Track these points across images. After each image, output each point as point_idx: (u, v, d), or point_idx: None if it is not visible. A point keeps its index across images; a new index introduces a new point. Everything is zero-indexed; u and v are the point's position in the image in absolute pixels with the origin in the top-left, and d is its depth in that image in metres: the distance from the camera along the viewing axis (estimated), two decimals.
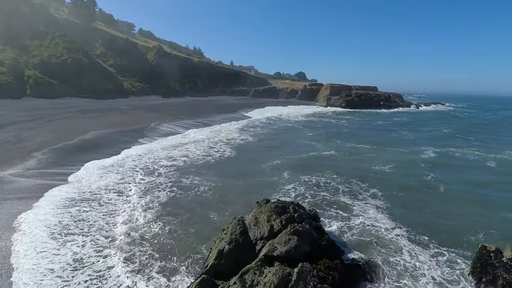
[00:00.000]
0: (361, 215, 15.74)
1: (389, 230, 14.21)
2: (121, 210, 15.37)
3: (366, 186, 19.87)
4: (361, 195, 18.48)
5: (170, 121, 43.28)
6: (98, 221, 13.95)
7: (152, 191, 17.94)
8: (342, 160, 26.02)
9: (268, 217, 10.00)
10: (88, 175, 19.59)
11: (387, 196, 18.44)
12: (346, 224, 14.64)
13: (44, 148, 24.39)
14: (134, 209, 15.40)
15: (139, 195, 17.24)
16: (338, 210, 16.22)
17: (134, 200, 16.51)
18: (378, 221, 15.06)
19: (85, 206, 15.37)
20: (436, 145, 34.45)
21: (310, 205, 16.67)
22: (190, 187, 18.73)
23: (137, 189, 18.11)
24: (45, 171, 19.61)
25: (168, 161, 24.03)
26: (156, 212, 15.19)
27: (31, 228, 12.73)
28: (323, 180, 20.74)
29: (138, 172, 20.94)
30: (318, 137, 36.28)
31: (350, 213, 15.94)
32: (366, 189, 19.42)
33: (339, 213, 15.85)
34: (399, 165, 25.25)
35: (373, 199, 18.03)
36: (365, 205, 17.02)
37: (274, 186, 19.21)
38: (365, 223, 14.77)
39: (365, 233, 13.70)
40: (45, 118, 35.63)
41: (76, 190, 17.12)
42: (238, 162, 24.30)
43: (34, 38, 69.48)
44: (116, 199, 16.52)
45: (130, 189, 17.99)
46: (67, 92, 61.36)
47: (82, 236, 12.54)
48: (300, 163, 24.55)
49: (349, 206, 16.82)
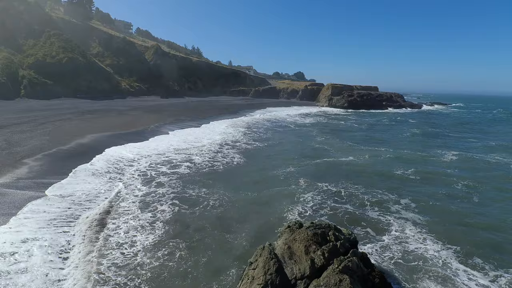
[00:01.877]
0: (398, 233, 13.81)
1: (436, 252, 12.30)
2: (113, 231, 12.93)
3: (395, 196, 17.99)
4: (392, 207, 16.59)
5: (171, 123, 41.28)
6: (79, 245, 11.94)
7: (152, 205, 15.69)
8: (360, 165, 24.11)
9: (306, 248, 8.14)
10: (79, 184, 17.58)
11: (420, 208, 16.58)
12: (384, 246, 12.67)
13: (37, 153, 22.33)
14: (130, 230, 13.00)
15: (138, 210, 14.99)
16: (369, 227, 14.28)
17: (130, 218, 14.17)
18: (419, 241, 13.17)
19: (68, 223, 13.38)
20: (454, 147, 32.72)
21: (330, 219, 14.86)
22: (196, 200, 16.55)
23: (135, 202, 15.89)
24: (36, 181, 17.54)
25: (170, 168, 21.99)
26: (157, 234, 12.78)
27: None
28: (344, 188, 18.85)
29: (137, 180, 18.94)
30: (330, 140, 34.36)
31: (384, 231, 13.99)
32: (395, 199, 17.54)
33: (371, 232, 13.90)
34: (422, 169, 23.44)
35: (406, 211, 16.16)
36: (399, 220, 15.10)
37: (291, 196, 17.26)
38: (407, 245, 12.80)
39: (410, 259, 11.76)
40: (38, 120, 33.53)
41: (62, 204, 15.06)
42: (249, 169, 22.31)
43: (28, 37, 67.20)
44: (107, 216, 14.20)
45: (126, 201, 15.89)
46: (63, 92, 59.20)
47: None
48: (316, 169, 22.63)
49: (381, 222, 14.89)
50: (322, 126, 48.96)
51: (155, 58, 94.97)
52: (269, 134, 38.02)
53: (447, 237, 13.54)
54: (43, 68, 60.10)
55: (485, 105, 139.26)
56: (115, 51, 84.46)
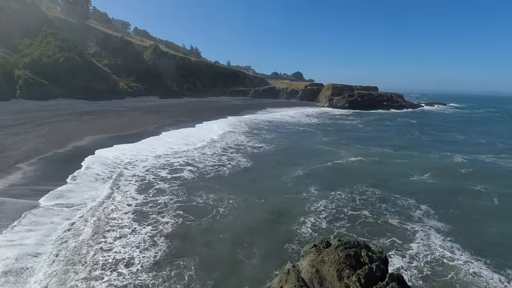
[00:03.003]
0: (424, 242, 12.86)
1: (466, 263, 11.37)
2: (108, 247, 11.52)
3: (413, 202, 16.97)
4: (413, 214, 15.58)
5: (170, 124, 40.11)
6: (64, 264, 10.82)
7: (153, 216, 14.28)
8: (372, 169, 23.07)
9: (338, 273, 7.10)
10: (75, 192, 16.44)
11: (442, 214, 15.59)
12: (413, 257, 11.71)
13: (32, 157, 21.14)
14: (127, 246, 11.65)
15: (136, 222, 13.55)
16: (394, 237, 13.25)
17: (129, 231, 12.72)
18: (447, 250, 12.24)
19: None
20: (462, 148, 31.82)
21: (349, 230, 13.85)
22: (202, 209, 15.26)
23: (133, 213, 14.54)
24: (32, 188, 16.35)
25: (171, 172, 20.81)
26: (158, 251, 11.44)
27: None
28: (359, 194, 17.81)
29: (134, 187, 17.78)
30: (336, 142, 33.30)
31: (410, 241, 12.99)
32: (415, 205, 16.52)
33: (397, 242, 12.88)
34: (437, 173, 22.44)
35: (427, 218, 15.17)
36: (423, 228, 14.11)
37: (303, 204, 16.14)
38: (436, 256, 11.84)
39: (443, 272, 10.80)
40: (34, 122, 32.26)
41: (55, 217, 13.86)
42: (256, 174, 21.15)
43: (24, 37, 65.72)
44: (102, 229, 12.83)
45: (122, 211, 14.64)
46: (60, 93, 57.76)
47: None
48: (326, 173, 21.57)
49: (405, 230, 13.88)
50: (325, 126, 47.93)
51: (154, 58, 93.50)
52: (273, 135, 36.92)
53: (473, 246, 12.64)
54: (39, 68, 58.67)
55: (485, 105, 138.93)
56: (112, 50, 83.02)
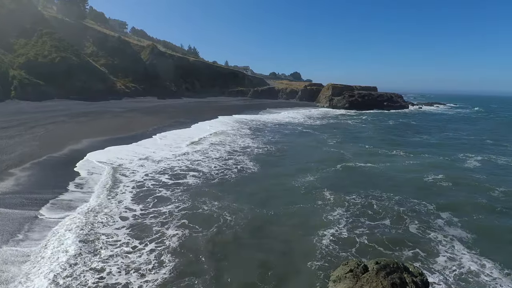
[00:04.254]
0: (450, 255, 11.88)
1: (497, 280, 10.39)
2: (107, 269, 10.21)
3: (433, 207, 15.95)
4: (433, 221, 14.58)
5: (170, 126, 38.92)
6: None
7: (155, 228, 12.96)
8: (384, 172, 22.03)
9: None
10: (73, 201, 15.26)
11: (464, 222, 14.57)
12: (441, 272, 10.70)
13: (25, 162, 19.91)
14: (129, 267, 10.15)
15: (135, 238, 12.07)
16: (417, 248, 12.24)
17: (128, 250, 11.27)
18: (477, 265, 11.23)
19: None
20: (471, 150, 30.79)
21: (370, 241, 12.78)
22: (208, 219, 14.01)
23: (133, 226, 13.19)
24: (23, 197, 15.12)
25: (174, 177, 19.60)
26: (162, 270, 10.09)
27: None
28: (376, 200, 16.76)
29: (131, 193, 16.64)
30: (343, 144, 32.22)
31: (434, 253, 11.99)
32: (434, 212, 15.50)
33: (421, 254, 11.85)
34: (451, 175, 21.45)
35: (449, 226, 14.16)
36: (445, 238, 13.12)
37: (320, 213, 14.97)
38: (463, 271, 10.83)
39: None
40: (28, 124, 30.97)
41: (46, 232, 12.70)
42: (264, 179, 19.99)
43: (20, 37, 64.19)
44: (97, 245, 11.49)
45: (121, 224, 13.37)
46: (55, 93, 56.37)
47: None
48: (337, 177, 20.48)
49: (427, 240, 12.87)
50: (329, 127, 46.89)
51: (151, 58, 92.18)
52: (277, 137, 35.82)
53: (503, 258, 11.66)
54: (35, 68, 57.23)
55: (488, 106, 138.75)
56: (109, 50, 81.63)
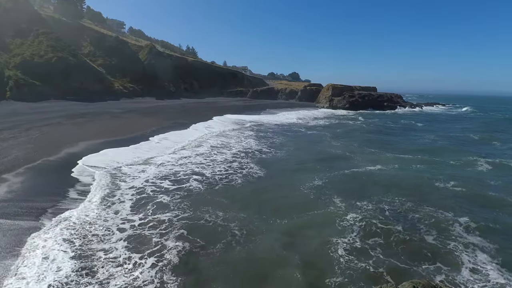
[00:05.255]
0: (473, 267, 11.11)
1: None
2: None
3: (451, 215, 15.16)
4: (451, 229, 13.80)
5: (170, 127, 37.99)
6: None
7: (154, 240, 11.88)
8: (394, 176, 21.13)
9: None
10: (75, 210, 14.33)
11: (483, 230, 13.81)
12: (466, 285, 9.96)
13: (19, 166, 18.96)
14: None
15: (129, 251, 11.11)
16: (437, 259, 11.46)
17: (121, 260, 10.48)
18: (503, 277, 10.48)
19: None
20: (481, 153, 30.05)
21: (386, 252, 11.99)
22: (212, 230, 12.96)
23: (131, 237, 12.21)
24: (17, 205, 14.16)
25: (176, 183, 18.69)
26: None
27: None
28: (388, 206, 15.96)
29: (130, 200, 15.73)
30: (348, 146, 31.31)
31: (457, 264, 11.24)
32: (451, 220, 14.67)
33: (442, 269, 11.00)
34: (463, 179, 20.66)
35: (469, 235, 13.37)
36: (466, 248, 12.33)
37: (332, 221, 14.02)
38: (490, 285, 10.09)
39: None
40: (23, 126, 29.95)
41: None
42: (271, 184, 19.09)
43: (16, 36, 63.16)
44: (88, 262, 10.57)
45: (116, 238, 12.63)
46: (52, 94, 55.28)
47: None
48: (346, 182, 19.63)
49: (446, 252, 12.06)
50: (332, 128, 46.02)
51: (150, 58, 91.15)
52: (280, 138, 34.99)
53: None
54: (31, 68, 56.15)
55: (485, 105, 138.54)
56: (107, 50, 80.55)
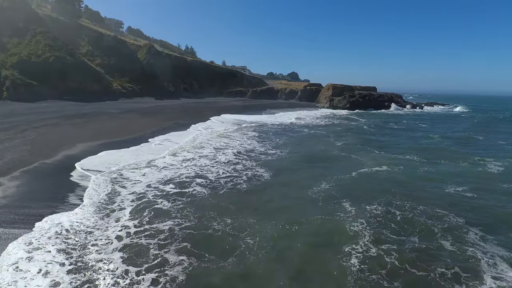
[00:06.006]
0: (494, 274, 10.55)
1: None
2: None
3: (462, 220, 14.53)
4: (466, 236, 13.20)
5: (170, 128, 37.37)
6: None
7: (153, 252, 10.83)
8: (402, 179, 20.44)
9: None
10: (67, 218, 13.62)
11: (502, 236, 13.29)
12: None
13: (15, 169, 18.26)
14: None
15: (124, 264, 10.08)
16: (453, 266, 10.86)
17: (118, 273, 9.57)
18: None
19: None
20: (488, 152, 29.47)
21: (401, 262, 11.41)
22: (219, 241, 12.01)
23: (126, 246, 11.33)
24: (13, 212, 13.43)
25: (179, 187, 17.92)
26: None
27: None
28: (399, 211, 15.33)
29: (131, 207, 15.04)
30: (352, 147, 30.61)
31: (476, 273, 10.65)
32: (466, 225, 14.10)
33: (462, 277, 10.42)
34: (474, 181, 20.04)
35: (484, 242, 12.73)
36: (485, 254, 11.77)
37: (343, 227, 13.22)
38: None
39: None
40: (20, 127, 29.17)
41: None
42: (278, 187, 18.37)
43: (13, 36, 62.30)
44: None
45: (115, 248, 11.91)
46: (49, 94, 54.46)
47: None
48: (354, 185, 18.97)
49: (465, 258, 11.49)
50: (334, 129, 45.25)
51: (148, 57, 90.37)
52: (283, 139, 34.34)
53: None
54: (28, 68, 55.31)
55: (483, 105, 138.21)
56: (105, 50, 79.75)
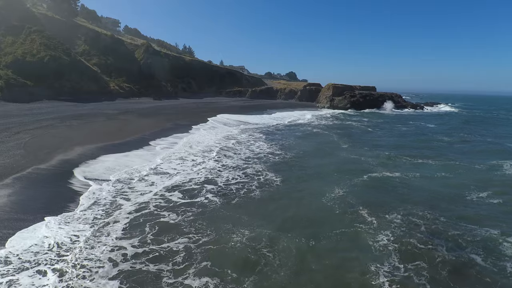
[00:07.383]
0: None
1: None
2: None
3: (496, 231, 13.42)
4: (499, 249, 12.21)
5: (170, 129, 36.16)
6: None
7: (163, 280, 9.47)
8: (417, 185, 19.34)
9: None
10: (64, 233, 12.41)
11: None
12: None
13: (6, 176, 16.99)
14: None
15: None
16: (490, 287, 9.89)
17: None
18: None
19: None
20: (503, 155, 28.43)
21: (434, 281, 10.35)
22: (238, 256, 10.89)
23: (126, 267, 10.23)
24: (4, 226, 12.23)
25: (186, 195, 16.77)
26: None
27: None
28: (422, 220, 14.26)
29: (132, 219, 13.87)
30: (359, 149, 29.45)
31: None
32: (495, 236, 13.07)
33: None
34: (497, 187, 18.92)
35: None
36: None
37: (366, 242, 12.00)
38: None
39: None
40: (13, 129, 27.86)
41: None
42: (291, 195, 17.18)
43: (7, 34, 60.85)
44: None
45: (114, 273, 10.61)
46: (45, 94, 53.01)
47: None
48: (368, 191, 17.85)
49: (503, 276, 10.49)
50: (338, 130, 43.98)
51: (146, 57, 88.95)
52: (290, 140, 33.31)
53: None
54: (23, 68, 53.89)
55: (482, 104, 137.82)
56: (102, 49, 78.31)
